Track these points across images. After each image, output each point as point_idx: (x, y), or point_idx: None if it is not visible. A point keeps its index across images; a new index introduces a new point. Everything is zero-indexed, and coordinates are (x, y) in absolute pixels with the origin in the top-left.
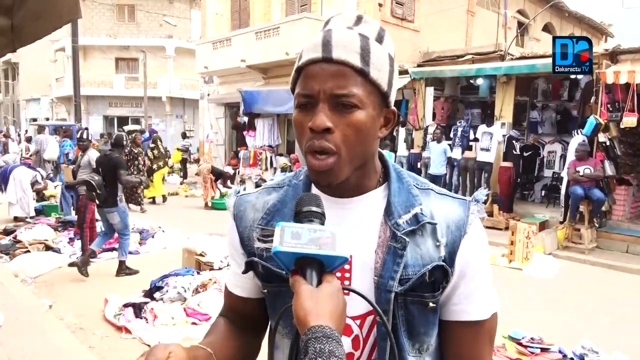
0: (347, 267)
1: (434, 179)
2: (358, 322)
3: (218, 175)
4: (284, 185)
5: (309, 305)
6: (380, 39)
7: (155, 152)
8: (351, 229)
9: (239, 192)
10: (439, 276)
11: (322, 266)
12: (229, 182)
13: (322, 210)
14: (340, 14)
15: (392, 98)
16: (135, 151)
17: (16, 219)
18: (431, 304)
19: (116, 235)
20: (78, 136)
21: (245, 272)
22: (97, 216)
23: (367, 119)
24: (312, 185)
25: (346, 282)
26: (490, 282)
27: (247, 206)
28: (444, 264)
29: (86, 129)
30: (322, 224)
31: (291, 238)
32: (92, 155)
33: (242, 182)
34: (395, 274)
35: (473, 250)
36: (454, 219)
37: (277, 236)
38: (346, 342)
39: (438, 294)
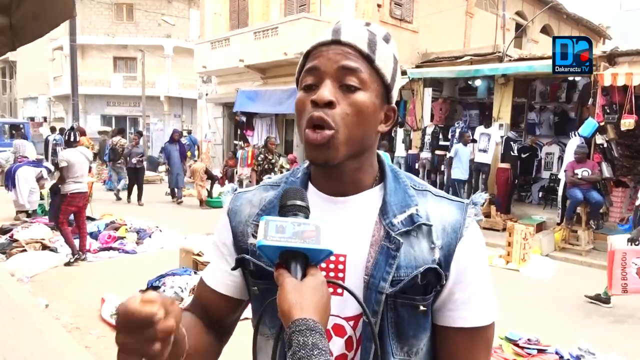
0: (340, 266)
1: (460, 184)
2: (351, 323)
3: (210, 177)
4: (281, 183)
5: (293, 298)
6: (386, 40)
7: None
8: (345, 226)
9: (236, 189)
10: (432, 279)
11: (306, 260)
12: (226, 182)
13: (306, 203)
14: (350, 19)
15: (394, 95)
16: (272, 159)
17: (18, 213)
18: (422, 307)
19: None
20: (66, 138)
21: (234, 268)
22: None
23: (369, 102)
24: (310, 182)
25: (339, 282)
26: (490, 288)
27: (243, 202)
28: (437, 266)
29: (72, 128)
30: (307, 217)
31: (275, 232)
32: (61, 154)
33: (240, 182)
34: (387, 275)
35: (470, 254)
36: (450, 222)
37: (261, 230)
38: (340, 343)
39: (430, 297)
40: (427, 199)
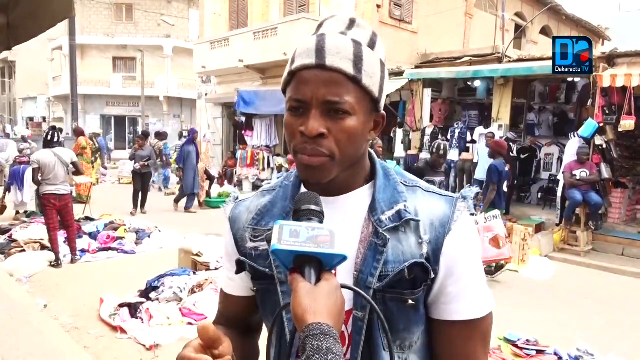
0: None
1: (475, 184)
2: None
3: (209, 177)
4: (276, 187)
5: (307, 303)
6: (372, 45)
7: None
8: (336, 225)
9: (237, 198)
10: (419, 273)
11: (320, 264)
12: (225, 182)
13: (320, 208)
14: (334, 17)
15: (382, 103)
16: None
17: (17, 214)
18: (410, 301)
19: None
20: (44, 137)
21: (237, 272)
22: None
23: (359, 125)
24: (302, 185)
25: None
26: (483, 280)
27: (242, 209)
28: (424, 261)
29: (53, 127)
30: (321, 222)
31: (289, 236)
32: (33, 155)
33: (239, 182)
34: (375, 270)
35: (459, 248)
36: (439, 216)
37: (275, 234)
38: None
39: (419, 292)
40: (417, 195)
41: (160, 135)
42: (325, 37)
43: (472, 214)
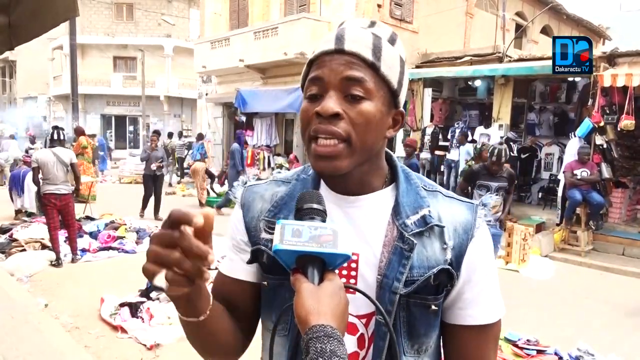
0: (353, 265)
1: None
2: (364, 321)
3: (210, 176)
4: (292, 179)
5: (310, 304)
6: (392, 42)
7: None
8: (357, 225)
9: (246, 183)
10: (444, 279)
11: (323, 264)
12: (225, 181)
13: (323, 207)
14: (354, 19)
15: (402, 99)
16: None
17: (17, 213)
18: (433, 307)
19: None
20: (49, 137)
21: (250, 262)
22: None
23: (376, 111)
24: (322, 180)
25: (352, 280)
26: (497, 286)
27: (255, 197)
28: (449, 267)
29: (56, 127)
30: (324, 221)
31: (292, 236)
32: (33, 154)
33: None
34: (401, 275)
35: (480, 254)
36: (462, 222)
37: (277, 234)
38: (351, 341)
39: (441, 297)
40: (438, 200)
41: (200, 136)
42: (345, 29)
43: (489, 221)
